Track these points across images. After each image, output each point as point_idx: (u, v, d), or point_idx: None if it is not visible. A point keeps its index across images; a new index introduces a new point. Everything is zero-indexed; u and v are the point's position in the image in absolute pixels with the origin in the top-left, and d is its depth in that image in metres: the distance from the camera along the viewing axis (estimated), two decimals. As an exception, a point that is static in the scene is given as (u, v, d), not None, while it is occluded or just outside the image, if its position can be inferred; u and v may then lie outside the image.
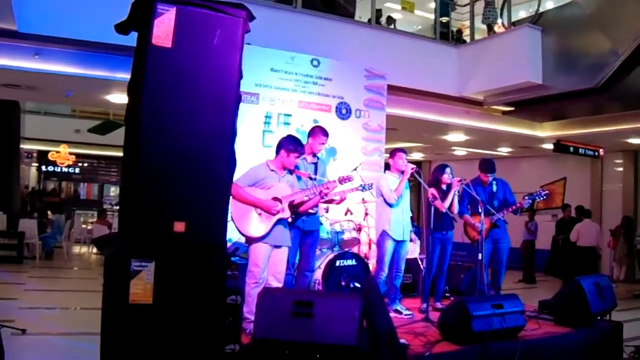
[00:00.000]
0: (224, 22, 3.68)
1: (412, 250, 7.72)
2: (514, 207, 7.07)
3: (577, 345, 5.83)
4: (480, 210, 6.70)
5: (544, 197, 7.21)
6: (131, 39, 3.85)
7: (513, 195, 7.36)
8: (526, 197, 7.08)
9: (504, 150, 16.28)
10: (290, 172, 5.73)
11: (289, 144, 5.62)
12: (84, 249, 16.37)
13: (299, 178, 5.84)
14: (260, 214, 5.39)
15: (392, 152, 6.82)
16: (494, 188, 7.26)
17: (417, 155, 19.01)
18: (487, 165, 7.36)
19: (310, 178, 5.96)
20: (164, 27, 3.48)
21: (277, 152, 5.68)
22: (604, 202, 15.59)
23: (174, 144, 3.51)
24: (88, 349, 5.94)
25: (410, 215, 6.90)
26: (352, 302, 4.23)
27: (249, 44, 5.45)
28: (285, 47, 8.40)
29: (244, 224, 5.35)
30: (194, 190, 3.55)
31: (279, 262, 5.50)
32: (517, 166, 17.14)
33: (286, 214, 5.54)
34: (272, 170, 5.61)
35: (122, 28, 3.80)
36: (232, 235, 5.16)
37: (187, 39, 3.56)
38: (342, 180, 5.92)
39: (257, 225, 5.38)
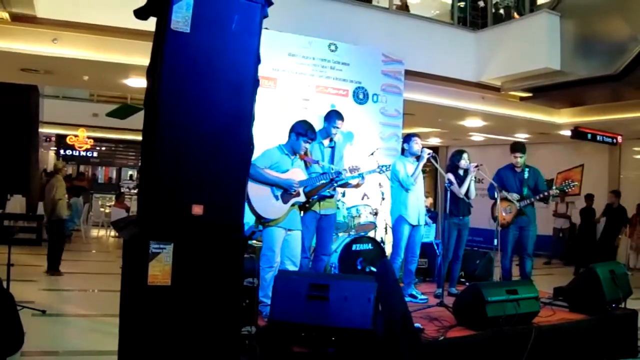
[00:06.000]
0: (242, 8, 3.69)
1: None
2: (540, 196, 7.06)
3: (591, 332, 5.85)
4: (496, 197, 6.74)
5: (573, 187, 7.22)
6: (148, 24, 3.88)
7: (545, 185, 7.34)
8: (554, 188, 7.10)
9: (521, 137, 16.12)
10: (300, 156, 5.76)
11: (300, 128, 5.64)
12: (102, 232, 16.51)
13: (306, 163, 5.85)
14: (277, 197, 5.44)
15: (406, 137, 6.83)
16: (526, 175, 7.25)
17: (434, 141, 18.94)
18: (517, 145, 7.40)
19: (317, 163, 5.98)
20: (182, 13, 3.50)
21: (289, 135, 5.72)
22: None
23: (192, 127, 3.53)
24: (107, 329, 6.04)
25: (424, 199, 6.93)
26: (368, 286, 4.27)
27: (266, 28, 5.48)
28: (302, 31, 8.41)
29: (260, 205, 5.40)
30: (212, 174, 3.57)
31: (294, 246, 5.56)
32: (534, 152, 16.80)
33: (302, 198, 5.58)
34: (285, 154, 5.64)
35: (141, 13, 3.81)
36: (249, 219, 5.20)
37: (206, 24, 3.56)
38: (351, 171, 5.98)
39: (273, 207, 5.43)
